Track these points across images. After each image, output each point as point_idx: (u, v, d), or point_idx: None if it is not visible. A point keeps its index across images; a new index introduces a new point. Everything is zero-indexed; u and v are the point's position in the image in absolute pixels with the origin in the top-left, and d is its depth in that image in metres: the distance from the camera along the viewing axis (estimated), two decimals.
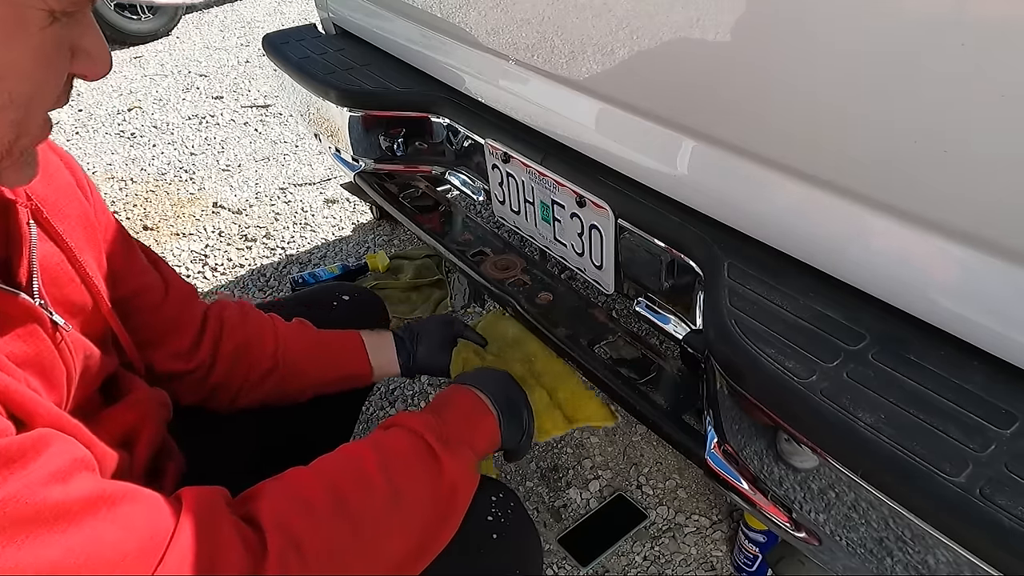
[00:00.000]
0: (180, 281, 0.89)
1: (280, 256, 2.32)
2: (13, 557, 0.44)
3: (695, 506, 1.44)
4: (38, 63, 0.49)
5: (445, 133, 1.39)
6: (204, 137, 3.16)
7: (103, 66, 0.55)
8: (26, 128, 0.52)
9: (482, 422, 0.85)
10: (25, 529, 0.45)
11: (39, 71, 0.50)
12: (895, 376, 0.66)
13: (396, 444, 0.73)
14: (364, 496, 0.66)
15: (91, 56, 0.54)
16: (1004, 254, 0.61)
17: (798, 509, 0.71)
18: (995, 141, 0.58)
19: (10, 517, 0.45)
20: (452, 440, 0.76)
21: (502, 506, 0.82)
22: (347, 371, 1.01)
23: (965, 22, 0.57)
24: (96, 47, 0.54)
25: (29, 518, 0.46)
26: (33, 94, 0.50)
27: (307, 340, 0.98)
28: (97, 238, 0.74)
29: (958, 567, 0.56)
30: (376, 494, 0.66)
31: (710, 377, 0.79)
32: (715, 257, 0.85)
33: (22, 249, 0.61)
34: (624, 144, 0.99)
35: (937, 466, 0.56)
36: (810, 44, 0.69)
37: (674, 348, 1.07)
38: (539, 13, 1.01)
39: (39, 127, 0.54)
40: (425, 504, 0.70)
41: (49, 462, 0.49)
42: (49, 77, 0.51)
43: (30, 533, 0.46)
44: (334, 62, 1.52)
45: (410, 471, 0.71)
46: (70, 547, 0.47)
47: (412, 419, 0.76)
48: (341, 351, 1.01)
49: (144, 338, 0.82)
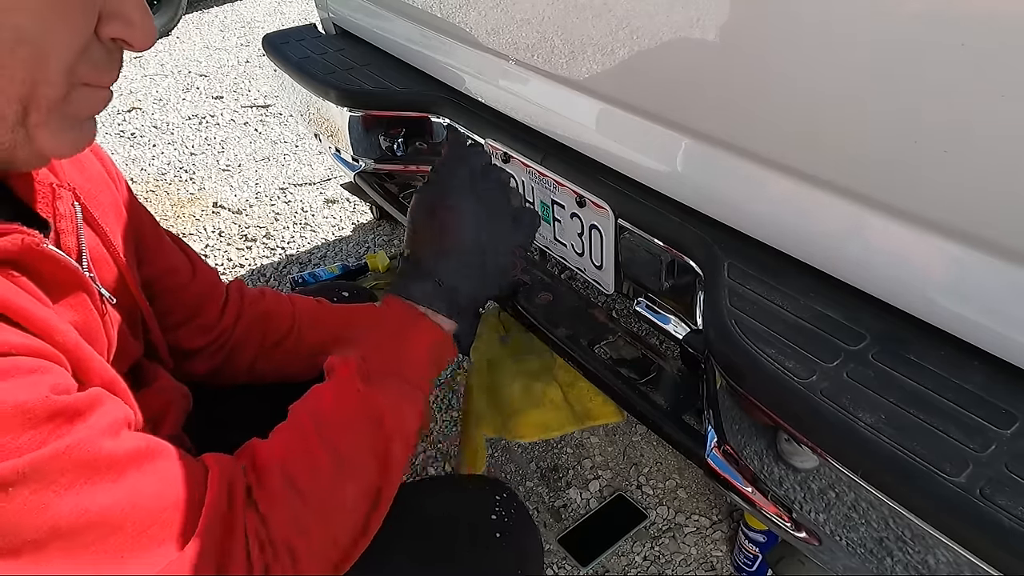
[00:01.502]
0: (205, 263, 0.92)
1: (280, 256, 2.33)
2: (73, 500, 0.49)
3: (695, 506, 1.44)
4: (51, 3, 0.47)
5: (445, 133, 1.39)
6: (204, 137, 3.16)
7: (143, 34, 0.53)
8: (44, 75, 0.49)
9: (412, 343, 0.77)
10: (84, 475, 0.50)
11: (52, 12, 0.48)
12: (895, 376, 0.66)
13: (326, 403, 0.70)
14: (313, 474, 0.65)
15: (129, 22, 0.52)
16: (1004, 254, 0.61)
17: (798, 509, 0.71)
18: (995, 141, 0.58)
19: (74, 462, 0.49)
20: (374, 375, 0.72)
21: (506, 506, 0.83)
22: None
23: (965, 21, 0.57)
24: (136, 13, 0.52)
25: (88, 464, 0.50)
26: (44, 34, 0.48)
27: (323, 305, 0.98)
28: (126, 224, 0.77)
29: (958, 567, 0.56)
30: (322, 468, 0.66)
31: (710, 377, 0.79)
32: (715, 257, 0.85)
33: (71, 227, 0.64)
34: (624, 144, 0.99)
35: (937, 466, 0.56)
36: (810, 44, 0.69)
37: (674, 348, 1.07)
38: (539, 13, 1.01)
39: (64, 80, 0.51)
40: (365, 453, 0.68)
41: (103, 417, 0.54)
42: (65, 20, 0.49)
43: (88, 479, 0.50)
44: (334, 62, 1.52)
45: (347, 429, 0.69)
46: (120, 495, 0.52)
47: (344, 366, 0.72)
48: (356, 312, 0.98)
49: (173, 320, 0.84)
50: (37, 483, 0.47)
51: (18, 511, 0.46)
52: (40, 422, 0.48)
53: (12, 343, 0.49)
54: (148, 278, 0.80)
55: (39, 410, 0.48)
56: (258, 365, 0.95)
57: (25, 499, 0.46)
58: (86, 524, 0.49)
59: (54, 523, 0.47)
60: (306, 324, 0.96)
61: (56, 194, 0.63)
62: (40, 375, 0.50)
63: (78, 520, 0.49)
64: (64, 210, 0.64)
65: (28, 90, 0.49)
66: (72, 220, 0.64)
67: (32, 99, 0.50)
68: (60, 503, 0.48)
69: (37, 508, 0.47)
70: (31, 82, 0.49)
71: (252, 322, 0.93)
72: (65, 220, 0.64)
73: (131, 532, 0.51)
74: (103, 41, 0.53)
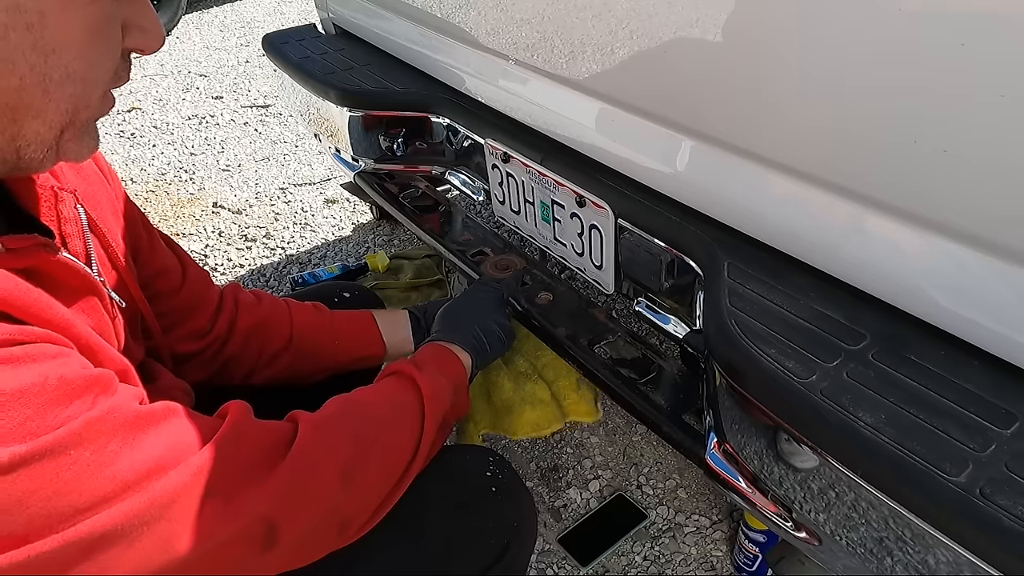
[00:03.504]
0: (196, 265, 0.92)
1: (280, 256, 2.32)
2: (129, 456, 0.54)
3: (695, 506, 1.44)
4: (91, 38, 0.51)
5: (445, 133, 1.39)
6: (204, 137, 3.16)
7: (156, 40, 0.57)
8: (85, 102, 0.54)
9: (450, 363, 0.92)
10: (131, 432, 0.55)
11: (92, 46, 0.52)
12: (895, 376, 0.66)
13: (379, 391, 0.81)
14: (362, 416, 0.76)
15: (144, 30, 0.56)
16: (1004, 254, 0.61)
17: (798, 509, 0.71)
18: (995, 141, 0.58)
19: (119, 421, 0.54)
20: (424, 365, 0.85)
21: (499, 465, 0.89)
22: (360, 350, 1.05)
23: (965, 21, 0.57)
24: (148, 21, 0.56)
25: (131, 423, 0.55)
26: (89, 69, 0.52)
27: (321, 319, 1.02)
28: (122, 224, 0.78)
29: (958, 567, 0.56)
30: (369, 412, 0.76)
31: (710, 377, 0.79)
32: (715, 257, 0.85)
33: (76, 231, 0.65)
34: (624, 144, 0.99)
35: (937, 466, 0.56)
36: (809, 44, 0.69)
37: (674, 348, 1.07)
38: (539, 13, 1.01)
39: (99, 101, 0.56)
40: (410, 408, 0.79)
41: (127, 388, 0.59)
42: (103, 52, 0.53)
43: (135, 436, 0.55)
44: (334, 62, 1.52)
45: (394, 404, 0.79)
46: (166, 444, 0.57)
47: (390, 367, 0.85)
48: (354, 329, 1.05)
49: (164, 323, 0.85)
50: (94, 443, 0.52)
51: (84, 471, 0.50)
52: (82, 391, 0.52)
53: (35, 333, 0.52)
54: (142, 280, 0.80)
55: (79, 381, 0.53)
56: (254, 377, 0.97)
57: (87, 459, 0.51)
58: (146, 474, 0.54)
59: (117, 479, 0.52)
60: (304, 337, 0.97)
61: (59, 198, 0.64)
62: (66, 357, 0.54)
63: (138, 472, 0.53)
64: (68, 214, 0.64)
65: (70, 118, 0.54)
66: (77, 224, 0.65)
67: (71, 123, 0.54)
68: (118, 459, 0.53)
69: (100, 465, 0.51)
70: (73, 111, 0.53)
71: (249, 332, 0.94)
72: (70, 224, 0.64)
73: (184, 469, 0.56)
74: (122, 53, 0.57)
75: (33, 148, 0.53)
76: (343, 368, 1.03)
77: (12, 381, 0.48)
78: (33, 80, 0.49)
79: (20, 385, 0.48)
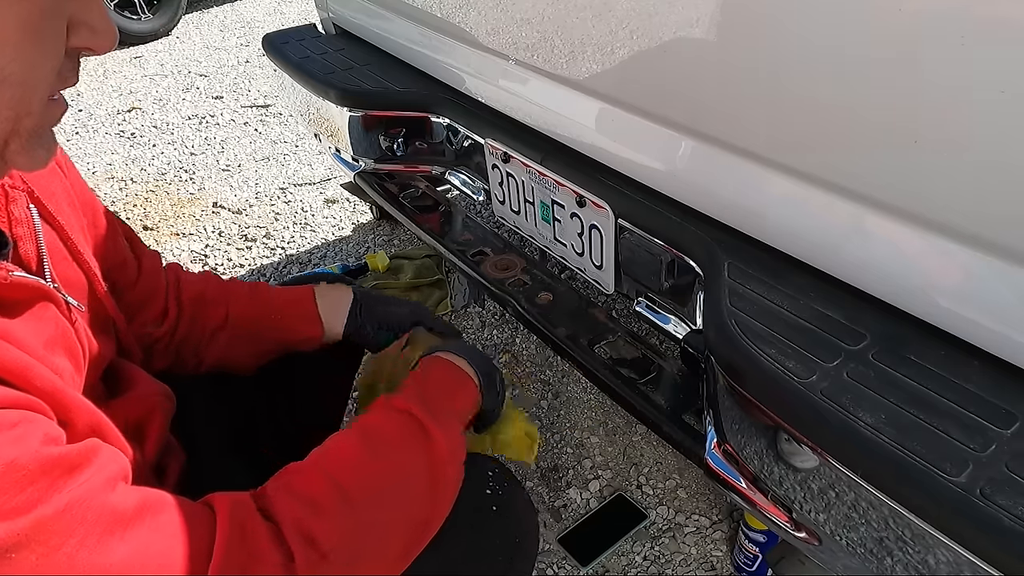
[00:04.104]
0: (148, 251, 0.89)
1: (280, 256, 2.32)
2: (87, 559, 0.46)
3: (695, 506, 1.44)
4: (27, 37, 0.46)
5: (445, 133, 1.39)
6: (204, 137, 3.16)
7: (107, 38, 0.52)
8: (27, 108, 0.49)
9: (463, 389, 0.85)
10: (93, 532, 0.48)
11: (30, 47, 0.47)
12: (895, 376, 0.66)
13: (386, 427, 0.73)
14: (364, 485, 0.67)
15: (93, 28, 0.51)
16: (1004, 254, 0.61)
17: (798, 509, 0.71)
18: (995, 141, 0.58)
19: (78, 519, 0.47)
20: (438, 412, 0.76)
21: (499, 480, 0.85)
22: (297, 327, 0.99)
23: (965, 20, 0.57)
24: (97, 18, 0.51)
25: (93, 522, 0.48)
26: (27, 72, 0.47)
27: (257, 294, 0.98)
28: (80, 215, 0.74)
29: (958, 567, 0.56)
30: (374, 480, 0.67)
31: (710, 377, 0.79)
32: (715, 257, 0.85)
33: (27, 232, 0.60)
34: (624, 144, 0.99)
35: (937, 466, 0.56)
36: (810, 44, 0.69)
37: (674, 348, 1.07)
38: (539, 13, 1.01)
39: (42, 107, 0.50)
40: (422, 478, 0.71)
41: (100, 472, 0.51)
42: (42, 52, 0.48)
43: (98, 536, 0.48)
44: (334, 62, 1.52)
45: (404, 450, 0.71)
46: (129, 551, 0.49)
47: (396, 399, 0.76)
48: (292, 307, 0.99)
49: (126, 314, 0.81)
50: (43, 546, 0.45)
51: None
52: (36, 477, 0.46)
53: None
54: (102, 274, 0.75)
55: (32, 465, 0.46)
56: (203, 360, 0.94)
57: (33, 564, 0.44)
58: None
59: None
60: (241, 313, 0.95)
61: (9, 197, 0.60)
62: (26, 426, 0.47)
63: None
64: (19, 214, 0.60)
65: (11, 125, 0.48)
66: (29, 225, 0.61)
67: (14, 132, 0.49)
68: (70, 566, 0.46)
69: (45, 571, 0.45)
70: (14, 118, 0.48)
71: (193, 307, 0.92)
72: (21, 225, 0.60)
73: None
74: (68, 52, 0.51)
75: None
76: (283, 348, 0.99)
77: None
78: None
79: None
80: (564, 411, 1.67)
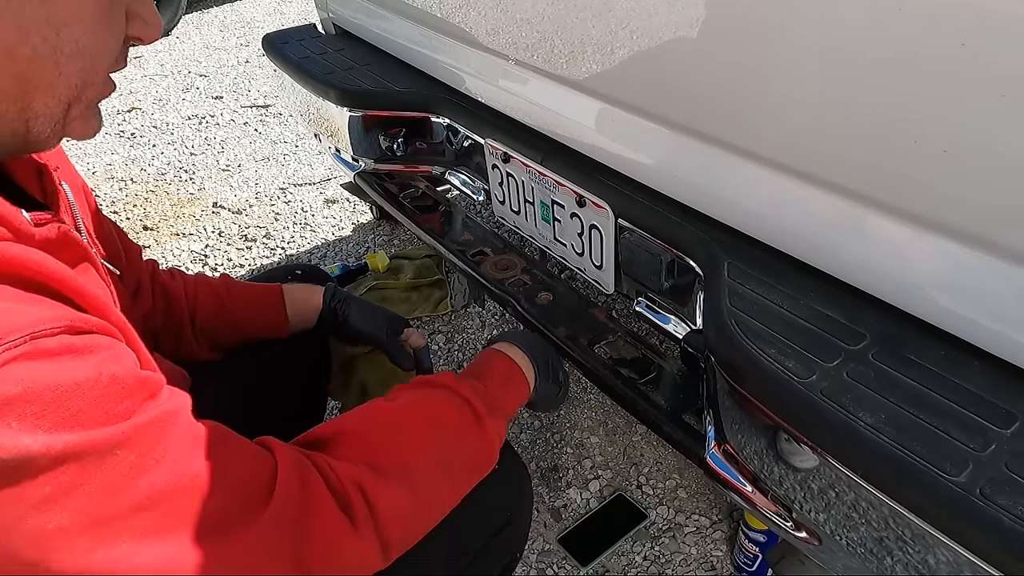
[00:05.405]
0: (133, 244, 0.93)
1: (280, 256, 2.32)
2: (171, 467, 0.52)
3: (695, 506, 1.44)
4: (99, 15, 0.54)
5: (445, 133, 1.39)
6: (204, 137, 3.16)
7: (156, 30, 0.62)
8: (91, 79, 0.56)
9: (518, 388, 0.90)
10: (178, 443, 0.53)
11: (100, 25, 0.55)
12: (895, 376, 0.66)
13: (448, 411, 0.78)
14: (423, 464, 0.72)
15: (145, 21, 0.60)
16: (1004, 254, 0.61)
17: (798, 509, 0.71)
18: (995, 141, 0.58)
19: (166, 431, 0.53)
20: (495, 410, 0.81)
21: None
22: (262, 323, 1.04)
23: (965, 20, 0.57)
24: (149, 11, 0.61)
25: (178, 435, 0.54)
26: (97, 46, 0.55)
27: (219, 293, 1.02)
28: (84, 201, 0.78)
29: (958, 567, 0.56)
30: (432, 462, 0.73)
31: (710, 377, 0.79)
32: (715, 257, 0.85)
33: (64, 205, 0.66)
34: (624, 144, 0.99)
35: (937, 466, 0.56)
36: (811, 44, 0.69)
37: (674, 348, 1.07)
38: (539, 13, 1.01)
39: (103, 82, 0.59)
40: (471, 469, 0.78)
41: (174, 397, 0.57)
42: (110, 32, 0.57)
43: (181, 447, 0.53)
44: (334, 62, 1.52)
45: (462, 440, 0.77)
46: (204, 467, 0.54)
47: (461, 385, 0.80)
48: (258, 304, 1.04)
49: None
50: (140, 447, 0.50)
51: (123, 474, 0.49)
52: (132, 391, 0.51)
53: (90, 322, 0.52)
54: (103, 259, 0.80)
55: (129, 379, 0.52)
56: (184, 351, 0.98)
57: (131, 463, 0.49)
58: (183, 489, 0.52)
59: (155, 487, 0.50)
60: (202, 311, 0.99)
61: (46, 174, 0.65)
62: (119, 348, 0.54)
63: (176, 485, 0.51)
64: (52, 189, 0.66)
65: (77, 92, 0.56)
66: (65, 199, 0.67)
67: (77, 99, 0.56)
68: (159, 468, 0.51)
69: (140, 471, 0.49)
70: (81, 86, 0.56)
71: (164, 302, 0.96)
72: (59, 198, 0.65)
73: (220, 499, 0.54)
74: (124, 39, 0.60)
75: (42, 122, 0.54)
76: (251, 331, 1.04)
77: (69, 373, 0.47)
78: (45, 51, 0.51)
79: (76, 378, 0.48)
80: (564, 411, 1.67)
